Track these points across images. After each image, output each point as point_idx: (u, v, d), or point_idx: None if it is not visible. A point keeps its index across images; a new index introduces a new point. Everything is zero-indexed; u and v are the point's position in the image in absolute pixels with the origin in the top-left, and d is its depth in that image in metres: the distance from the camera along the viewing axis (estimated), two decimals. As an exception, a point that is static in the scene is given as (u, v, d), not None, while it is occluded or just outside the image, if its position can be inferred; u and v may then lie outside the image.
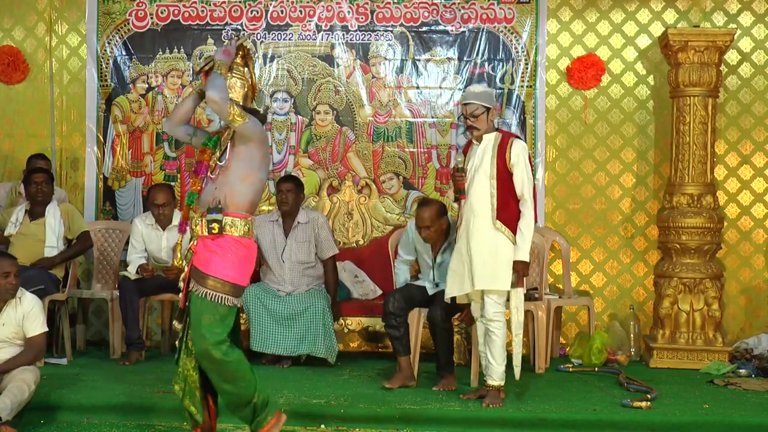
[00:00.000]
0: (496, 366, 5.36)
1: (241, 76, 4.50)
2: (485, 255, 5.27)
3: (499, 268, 5.28)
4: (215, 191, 4.35)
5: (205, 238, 4.30)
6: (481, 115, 5.34)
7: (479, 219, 5.31)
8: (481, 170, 5.33)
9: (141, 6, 7.50)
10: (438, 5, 7.40)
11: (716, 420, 5.22)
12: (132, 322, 6.52)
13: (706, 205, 6.85)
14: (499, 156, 5.30)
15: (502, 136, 5.40)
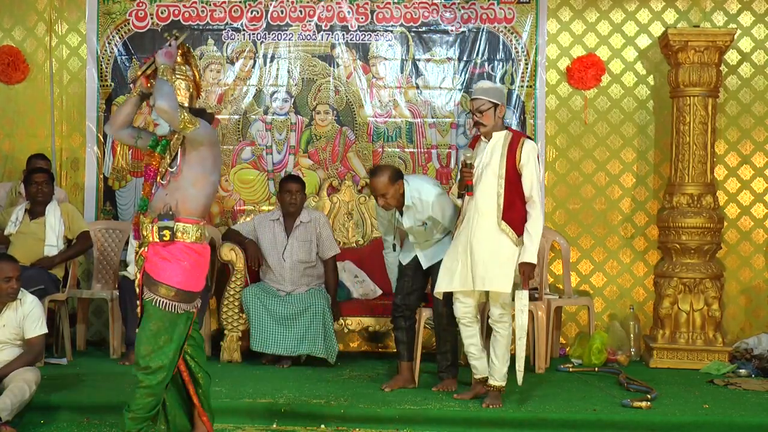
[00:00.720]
0: (499, 366, 5.34)
1: (185, 77, 4.40)
2: (486, 255, 5.23)
3: (500, 269, 5.22)
4: (166, 197, 4.25)
5: (156, 244, 4.20)
6: (487, 111, 5.25)
7: (483, 218, 5.25)
8: (490, 169, 5.25)
9: (141, 6, 7.50)
10: (438, 5, 7.41)
11: (716, 420, 5.23)
12: (132, 322, 6.51)
13: (706, 205, 6.85)
14: (509, 155, 5.23)
15: (513, 135, 5.33)
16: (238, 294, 6.64)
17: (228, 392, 5.56)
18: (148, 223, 4.23)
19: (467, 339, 5.45)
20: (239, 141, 7.48)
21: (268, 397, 5.43)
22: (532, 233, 5.23)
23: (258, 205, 7.45)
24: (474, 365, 5.49)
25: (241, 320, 6.65)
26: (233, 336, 6.67)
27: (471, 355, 5.48)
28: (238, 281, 6.68)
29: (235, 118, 7.50)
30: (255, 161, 7.49)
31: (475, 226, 5.28)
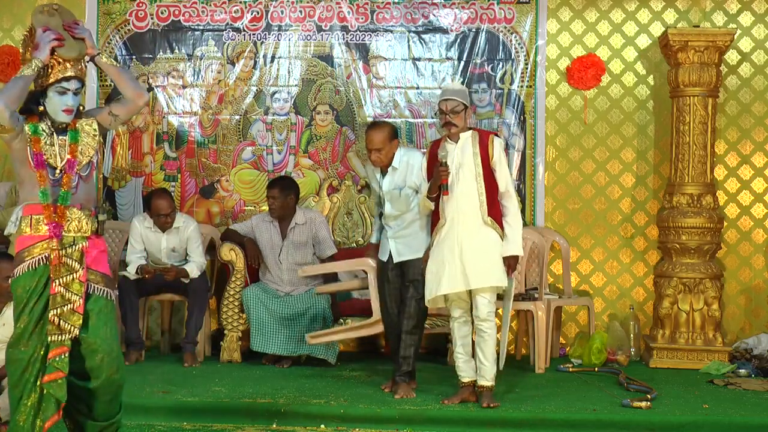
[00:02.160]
0: (490, 366, 5.33)
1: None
2: (479, 253, 5.24)
3: (494, 265, 5.27)
4: (92, 191, 4.23)
5: (97, 238, 4.15)
6: (460, 113, 5.32)
7: (468, 217, 5.28)
8: (466, 168, 5.29)
9: (141, 6, 7.50)
10: (438, 5, 7.41)
11: (716, 420, 5.23)
12: (131, 322, 6.52)
13: (705, 205, 6.85)
14: (482, 153, 5.30)
15: (479, 133, 5.42)
16: (238, 294, 6.64)
17: (228, 392, 5.56)
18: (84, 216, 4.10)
19: (462, 339, 5.41)
20: (240, 141, 7.49)
21: (268, 397, 5.43)
22: (515, 225, 5.32)
23: (258, 205, 7.45)
24: (462, 368, 5.43)
25: (241, 320, 6.65)
26: (233, 336, 6.67)
27: (460, 357, 5.42)
28: (238, 281, 6.68)
29: (236, 119, 7.50)
30: (255, 161, 7.49)
31: (460, 227, 5.29)
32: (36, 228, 4.07)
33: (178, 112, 7.51)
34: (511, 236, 5.30)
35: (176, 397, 5.42)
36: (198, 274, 6.62)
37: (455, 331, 5.44)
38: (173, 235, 6.69)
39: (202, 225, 7.10)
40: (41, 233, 4.06)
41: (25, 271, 4.03)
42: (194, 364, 6.46)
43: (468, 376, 5.44)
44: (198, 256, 6.69)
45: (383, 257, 5.75)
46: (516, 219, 5.34)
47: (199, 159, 7.50)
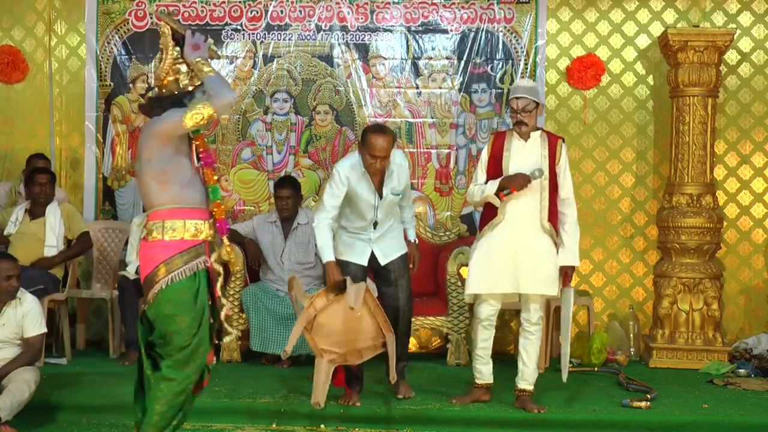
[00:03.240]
0: (533, 370, 5.28)
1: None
2: (534, 258, 5.14)
3: (549, 272, 5.18)
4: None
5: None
6: (532, 111, 5.17)
7: (526, 219, 5.17)
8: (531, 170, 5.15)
9: (140, 6, 7.50)
10: (438, 5, 7.41)
11: (716, 420, 5.23)
12: (131, 321, 6.51)
13: (705, 205, 6.86)
14: (550, 157, 5.19)
15: (548, 136, 5.29)
16: (238, 294, 6.64)
17: (228, 392, 5.56)
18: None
19: (484, 341, 5.31)
20: (239, 141, 7.48)
21: (268, 397, 5.43)
22: (573, 234, 5.22)
23: (258, 205, 7.45)
24: (480, 370, 5.36)
25: (240, 320, 6.65)
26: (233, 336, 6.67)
27: (479, 359, 5.35)
28: (238, 281, 6.68)
29: (235, 118, 7.49)
30: (255, 161, 7.49)
31: (517, 228, 5.16)
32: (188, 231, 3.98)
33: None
34: (569, 245, 5.20)
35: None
36: (198, 274, 6.61)
37: (479, 333, 5.31)
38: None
39: (202, 225, 7.09)
40: (199, 237, 3.99)
41: (186, 277, 3.96)
42: (194, 364, 6.44)
43: (485, 379, 5.36)
44: (198, 255, 6.67)
45: (363, 261, 5.41)
46: (575, 228, 5.23)
47: (199, 159, 7.48)
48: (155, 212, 3.98)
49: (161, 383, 3.98)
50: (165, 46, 4.03)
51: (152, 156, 3.95)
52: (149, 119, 4.06)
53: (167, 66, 4.02)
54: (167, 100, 4.02)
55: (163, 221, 3.95)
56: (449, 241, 7.14)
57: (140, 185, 4.06)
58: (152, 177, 3.96)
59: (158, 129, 3.95)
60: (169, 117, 3.93)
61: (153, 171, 3.95)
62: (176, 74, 4.03)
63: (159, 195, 3.97)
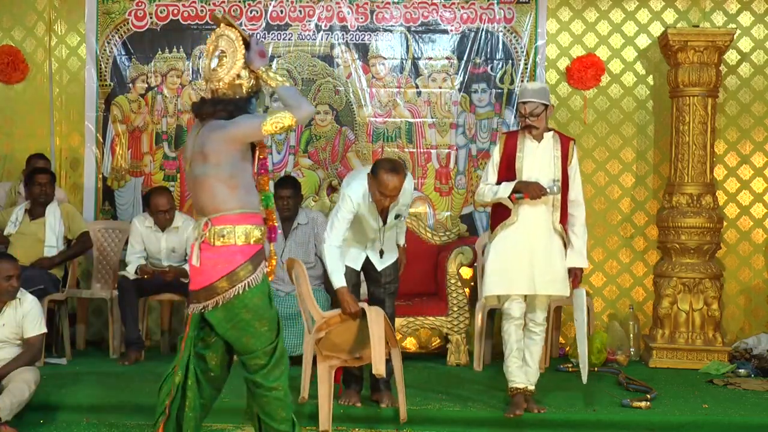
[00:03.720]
0: (536, 370, 5.27)
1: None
2: (547, 258, 5.14)
3: (560, 273, 5.18)
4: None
5: None
6: (541, 114, 5.14)
7: (540, 221, 5.15)
8: (545, 172, 5.15)
9: (140, 6, 7.50)
10: (438, 5, 7.41)
11: (716, 420, 5.23)
12: (131, 321, 6.51)
13: (705, 205, 6.85)
14: (562, 158, 5.18)
15: (560, 137, 5.27)
16: (238, 294, 6.63)
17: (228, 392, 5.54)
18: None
19: (517, 343, 5.22)
20: (239, 141, 7.47)
21: (268, 397, 5.42)
22: (582, 236, 5.23)
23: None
24: (516, 373, 5.22)
25: (240, 320, 6.64)
26: (233, 336, 6.66)
27: (515, 362, 5.23)
28: (238, 281, 6.67)
29: (235, 118, 7.48)
30: (254, 161, 7.48)
31: (531, 229, 5.15)
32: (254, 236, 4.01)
33: (177, 112, 7.51)
34: (577, 246, 5.21)
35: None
36: (197, 274, 6.61)
37: (512, 334, 5.22)
38: (173, 235, 6.69)
39: (202, 225, 7.09)
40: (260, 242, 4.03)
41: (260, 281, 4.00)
42: (194, 364, 6.44)
43: (522, 382, 5.25)
44: (197, 256, 6.67)
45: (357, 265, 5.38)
46: (583, 229, 5.24)
47: (199, 159, 7.48)
48: (223, 216, 3.96)
49: (270, 394, 4.07)
50: (230, 50, 4.03)
51: (221, 160, 3.93)
52: (212, 122, 4.00)
53: (236, 71, 4.02)
54: (232, 104, 4.01)
55: (234, 226, 3.95)
56: (449, 241, 7.14)
57: (202, 189, 3.99)
58: (221, 181, 3.95)
59: (232, 133, 3.93)
60: (244, 122, 3.94)
61: (222, 175, 3.94)
62: (240, 79, 4.05)
63: (227, 199, 3.96)
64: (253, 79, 4.07)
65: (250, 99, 4.07)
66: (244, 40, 4.03)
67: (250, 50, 4.03)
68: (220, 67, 4.04)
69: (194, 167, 4.01)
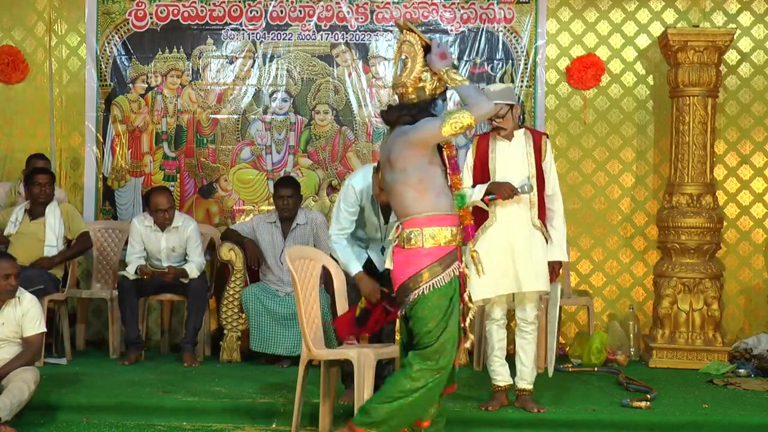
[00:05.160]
0: (531, 369, 5.26)
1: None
2: (529, 256, 5.13)
3: (543, 269, 5.18)
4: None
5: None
6: (506, 115, 5.16)
7: (518, 218, 5.16)
8: (519, 169, 5.16)
9: (140, 6, 7.50)
10: (438, 5, 7.41)
11: (716, 420, 5.23)
12: (131, 321, 6.51)
13: (705, 205, 6.86)
14: (536, 155, 5.19)
15: (532, 133, 5.28)
16: (238, 294, 6.64)
17: (228, 392, 5.56)
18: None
19: (501, 342, 5.29)
20: (238, 141, 7.48)
21: (268, 397, 5.43)
22: (561, 229, 5.25)
23: (257, 204, 7.45)
24: (499, 372, 5.29)
25: (240, 320, 6.65)
26: (233, 336, 6.67)
27: (497, 361, 5.29)
28: (238, 281, 6.68)
29: (234, 118, 7.49)
30: (254, 161, 7.49)
31: (509, 229, 5.15)
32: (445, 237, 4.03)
33: (177, 112, 7.51)
34: (556, 240, 5.22)
35: (176, 397, 5.42)
36: (197, 274, 6.62)
37: (494, 334, 5.29)
38: (173, 235, 6.68)
39: (202, 225, 7.10)
40: (453, 243, 4.05)
41: (445, 283, 4.03)
42: (194, 363, 6.45)
43: (504, 380, 5.30)
44: (197, 256, 6.68)
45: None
46: (562, 223, 5.27)
47: (198, 159, 7.50)
48: (413, 220, 4.03)
49: (401, 371, 4.09)
50: (411, 55, 4.09)
51: (407, 165, 4.01)
52: (398, 128, 4.07)
53: (417, 74, 4.07)
54: (415, 107, 4.07)
55: (421, 229, 4.01)
56: (449, 241, 7.13)
57: (393, 194, 4.08)
58: (409, 186, 4.02)
59: (414, 138, 4.00)
60: (423, 126, 4.00)
61: (410, 180, 4.01)
62: (422, 82, 4.09)
63: (416, 203, 4.03)
64: (435, 80, 4.11)
65: (435, 101, 4.13)
66: (423, 43, 4.10)
67: (431, 53, 4.09)
68: (404, 72, 4.12)
69: (385, 174, 4.13)
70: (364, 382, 4.70)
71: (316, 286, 5.06)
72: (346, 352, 4.87)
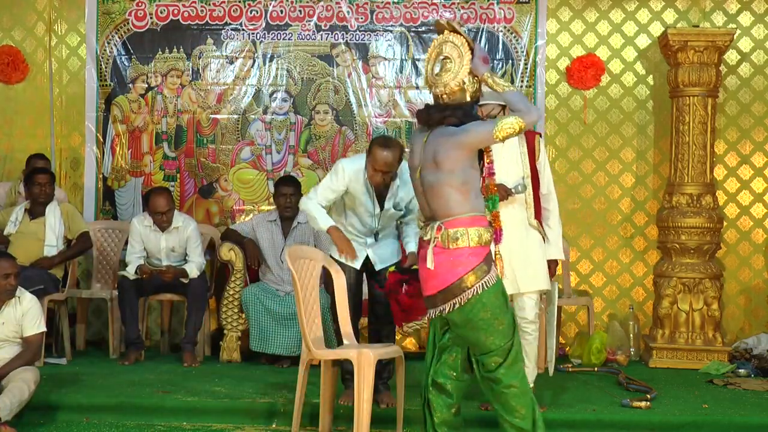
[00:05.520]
0: (533, 368, 5.24)
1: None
2: (525, 255, 5.12)
3: (541, 268, 5.18)
4: None
5: None
6: (498, 115, 5.12)
7: (515, 219, 5.13)
8: (513, 169, 5.15)
9: (140, 6, 7.50)
10: (438, 5, 7.41)
11: (716, 420, 5.23)
12: (131, 321, 6.51)
13: (705, 205, 6.86)
14: (529, 154, 5.19)
15: (525, 133, 5.13)
16: (238, 294, 6.64)
17: (228, 392, 5.56)
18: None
19: None
20: (238, 141, 7.49)
21: (268, 397, 5.43)
22: (556, 228, 5.25)
23: (257, 204, 7.46)
24: None
25: (240, 320, 6.65)
26: (233, 336, 6.67)
27: None
28: (238, 281, 6.68)
29: (234, 118, 7.49)
30: (254, 161, 7.49)
31: (506, 229, 5.04)
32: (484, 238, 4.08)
33: (177, 112, 7.51)
34: (552, 239, 5.23)
35: (176, 397, 5.42)
36: (197, 274, 6.62)
37: None
38: (172, 235, 6.68)
39: (201, 225, 7.11)
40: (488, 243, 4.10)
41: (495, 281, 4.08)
42: (194, 363, 6.45)
43: None
44: (197, 256, 6.68)
45: (355, 265, 5.30)
46: (557, 222, 5.27)
47: (198, 159, 7.50)
48: (456, 220, 4.03)
49: (508, 391, 4.13)
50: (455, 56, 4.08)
51: (455, 166, 4.02)
52: (442, 129, 4.07)
53: (462, 76, 4.08)
54: (460, 109, 4.08)
55: (467, 229, 4.02)
56: (449, 241, 7.13)
57: (435, 195, 4.07)
58: (454, 187, 4.02)
59: (466, 140, 4.01)
60: (476, 129, 4.01)
61: (456, 181, 4.02)
62: (464, 84, 4.10)
63: (460, 204, 4.04)
64: (477, 84, 4.13)
65: (475, 104, 4.16)
66: (470, 46, 4.10)
67: (474, 56, 4.10)
68: (445, 73, 4.10)
69: (426, 174, 4.09)
70: (364, 382, 4.69)
71: (316, 286, 5.06)
72: (346, 352, 4.87)
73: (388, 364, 5.39)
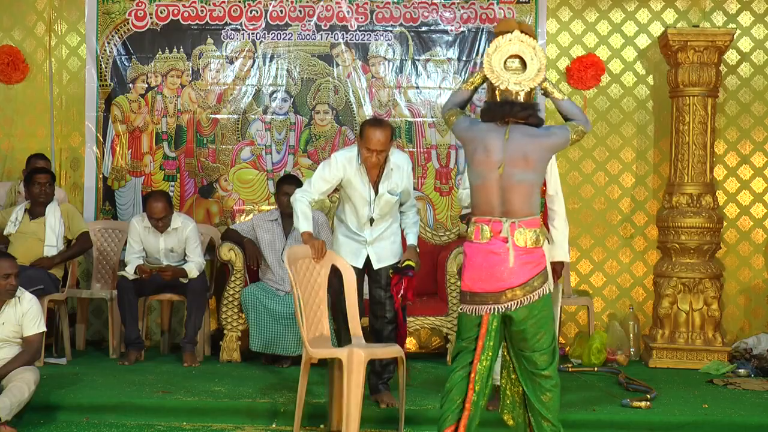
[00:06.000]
0: None
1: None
2: None
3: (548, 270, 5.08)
4: None
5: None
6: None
7: None
8: None
9: (140, 6, 7.50)
10: (438, 5, 7.41)
11: (716, 420, 5.23)
12: (131, 321, 6.51)
13: (705, 205, 6.86)
14: None
15: None
16: (238, 294, 6.64)
17: (228, 392, 5.56)
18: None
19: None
20: (238, 141, 7.49)
21: (268, 397, 5.43)
22: (563, 230, 5.27)
23: (257, 204, 7.46)
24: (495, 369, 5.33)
25: (240, 320, 6.65)
26: (233, 336, 6.67)
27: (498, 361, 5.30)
28: (238, 281, 6.68)
29: (234, 118, 7.49)
30: (254, 161, 7.49)
31: None
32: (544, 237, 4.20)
33: (177, 112, 7.51)
34: (558, 241, 5.22)
35: (176, 397, 5.42)
36: (197, 274, 6.61)
37: None
38: (171, 236, 6.68)
39: (202, 225, 7.11)
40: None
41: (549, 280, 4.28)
42: (194, 363, 6.45)
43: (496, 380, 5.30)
44: (197, 256, 6.68)
45: (355, 264, 5.29)
46: (564, 224, 5.28)
47: (198, 159, 7.50)
48: (534, 220, 4.13)
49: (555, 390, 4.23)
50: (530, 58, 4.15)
51: (542, 168, 4.17)
52: (527, 128, 4.13)
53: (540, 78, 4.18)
54: (532, 108, 4.17)
55: (539, 228, 4.14)
56: (449, 241, 7.14)
57: (518, 193, 4.10)
58: (536, 186, 4.14)
59: (554, 144, 4.18)
60: (560, 133, 4.17)
61: (538, 181, 4.15)
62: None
63: (536, 205, 4.17)
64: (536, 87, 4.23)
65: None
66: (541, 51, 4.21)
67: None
68: (523, 72, 4.17)
69: (515, 172, 4.10)
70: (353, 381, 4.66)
71: (323, 284, 5.05)
72: (338, 351, 4.86)
73: (389, 365, 5.38)
